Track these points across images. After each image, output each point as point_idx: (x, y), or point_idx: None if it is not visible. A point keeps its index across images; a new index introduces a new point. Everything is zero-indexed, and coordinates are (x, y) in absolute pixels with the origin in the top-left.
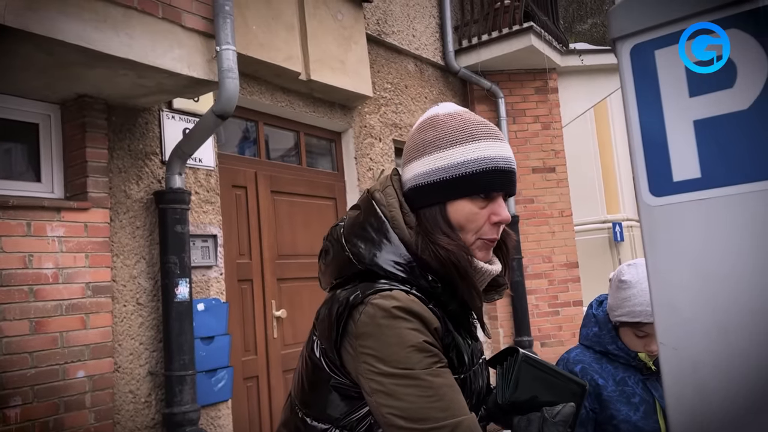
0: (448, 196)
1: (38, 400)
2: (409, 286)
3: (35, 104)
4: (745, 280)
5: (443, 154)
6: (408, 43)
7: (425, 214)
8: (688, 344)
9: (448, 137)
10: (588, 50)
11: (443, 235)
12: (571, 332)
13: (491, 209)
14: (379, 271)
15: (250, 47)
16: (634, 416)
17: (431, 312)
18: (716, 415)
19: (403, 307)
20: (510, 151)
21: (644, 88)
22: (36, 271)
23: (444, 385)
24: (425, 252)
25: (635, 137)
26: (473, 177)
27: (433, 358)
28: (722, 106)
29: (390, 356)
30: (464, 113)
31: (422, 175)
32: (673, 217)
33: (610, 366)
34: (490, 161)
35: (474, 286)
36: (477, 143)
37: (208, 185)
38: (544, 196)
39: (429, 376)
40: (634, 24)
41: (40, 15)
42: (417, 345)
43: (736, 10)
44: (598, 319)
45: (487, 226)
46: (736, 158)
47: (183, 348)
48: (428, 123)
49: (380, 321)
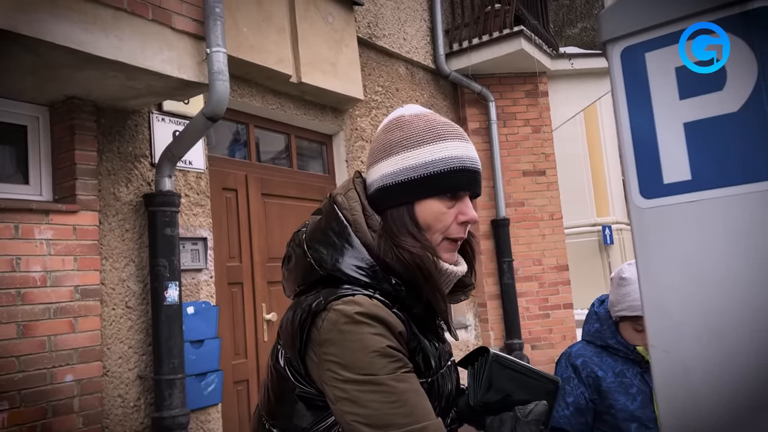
0: (416, 195)
1: (26, 404)
2: (372, 291)
3: (24, 106)
4: (736, 283)
5: (411, 153)
6: (399, 47)
7: (392, 214)
8: (679, 347)
9: (415, 137)
10: (578, 54)
11: (409, 236)
12: (561, 335)
13: (458, 209)
14: (341, 276)
15: (241, 49)
16: (631, 406)
17: (395, 316)
18: (707, 417)
19: (366, 312)
20: (475, 152)
21: (635, 91)
22: (24, 274)
23: (408, 390)
24: (388, 255)
25: (626, 139)
26: (441, 176)
27: (397, 363)
28: (712, 109)
29: (353, 362)
30: (430, 114)
31: (390, 175)
32: (664, 219)
33: (610, 359)
34: (457, 161)
35: (438, 288)
36: (444, 143)
37: (198, 188)
38: (534, 199)
39: (393, 381)
40: (624, 27)
41: (29, 16)
42: (380, 350)
43: (726, 13)
44: (600, 316)
45: (454, 225)
46: (726, 160)
47: (172, 351)
48: (394, 123)
49: (342, 327)
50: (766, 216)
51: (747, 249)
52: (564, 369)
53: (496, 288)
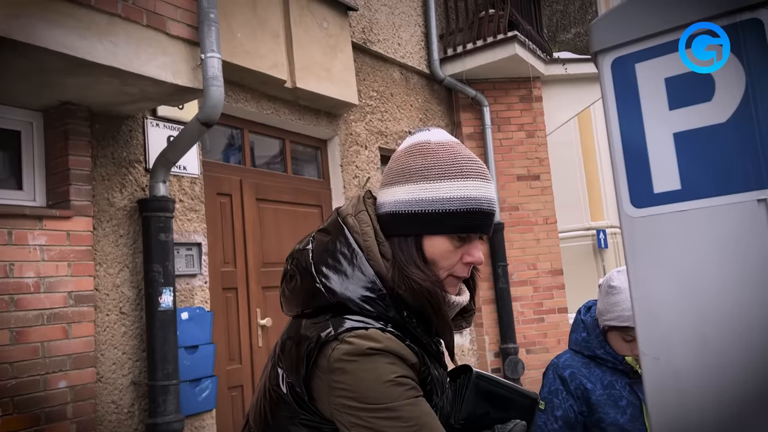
0: (427, 229)
1: (19, 411)
2: (384, 323)
3: (17, 111)
4: (726, 290)
5: (430, 185)
6: (393, 52)
7: (399, 243)
8: (669, 354)
9: (437, 169)
10: (572, 59)
11: (417, 268)
12: (556, 339)
13: (466, 249)
14: (352, 306)
15: (236, 55)
16: (621, 419)
17: (408, 348)
18: (698, 423)
19: (380, 348)
20: (494, 193)
21: (625, 101)
22: (17, 280)
23: (423, 414)
24: (401, 286)
25: (616, 149)
26: (456, 215)
27: (411, 390)
28: (701, 119)
29: (368, 392)
30: (456, 145)
31: (404, 203)
32: (654, 228)
33: (599, 370)
34: (475, 202)
35: (447, 321)
36: (465, 181)
37: (192, 193)
38: (528, 203)
39: (409, 406)
40: (615, 37)
41: (22, 22)
42: (393, 380)
43: (713, 26)
44: (587, 325)
45: (459, 265)
46: (716, 170)
47: (167, 357)
48: (418, 149)
49: (356, 359)
50: (754, 225)
51: (736, 257)
52: (552, 381)
53: (490, 292)
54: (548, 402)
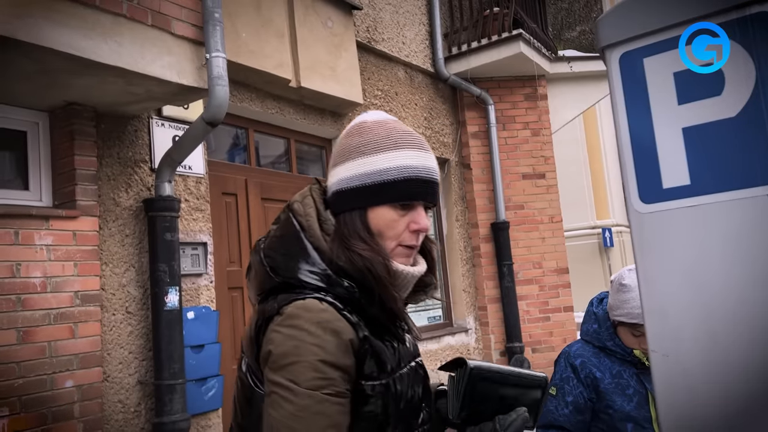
0: (369, 201)
1: (26, 410)
2: (324, 294)
3: (23, 112)
4: (735, 287)
5: (366, 159)
6: (398, 51)
7: (345, 219)
8: (678, 350)
9: (373, 144)
10: (577, 57)
11: (360, 240)
12: (562, 338)
13: (411, 217)
14: (295, 282)
15: (240, 54)
16: (627, 406)
17: (345, 320)
18: (707, 419)
19: (313, 319)
20: (434, 162)
21: (633, 96)
22: (24, 280)
23: (320, 413)
24: (341, 258)
25: (625, 145)
26: (394, 184)
27: (323, 381)
28: (711, 114)
29: (283, 365)
30: (391, 121)
31: (345, 180)
32: (663, 224)
33: (608, 360)
34: (412, 170)
35: (389, 291)
36: (400, 151)
37: (197, 193)
38: (534, 202)
39: (309, 398)
40: (622, 32)
41: (27, 23)
42: (311, 362)
43: (724, 18)
44: (598, 317)
45: (406, 233)
46: (725, 165)
47: (173, 357)
48: (355, 129)
49: (286, 331)
50: (765, 220)
51: (746, 253)
52: (563, 369)
53: (496, 291)
54: (560, 388)
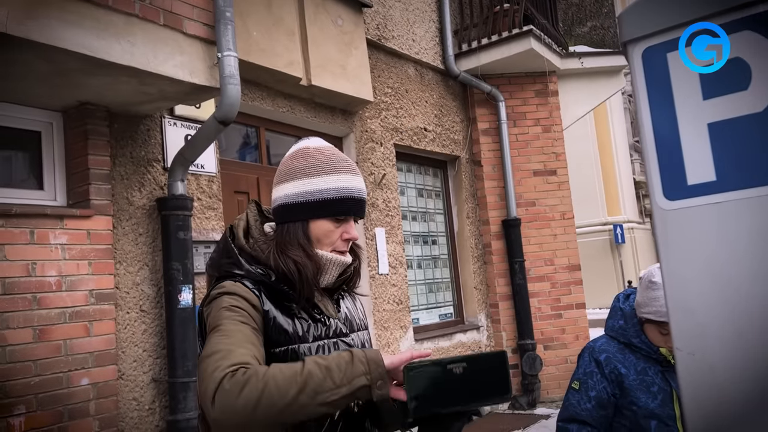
0: (311, 215)
1: (42, 408)
2: (239, 279)
3: (37, 112)
4: (761, 284)
5: (311, 180)
6: (408, 48)
7: (288, 227)
8: (704, 349)
9: (316, 167)
10: (588, 53)
11: (299, 247)
12: (574, 335)
13: (344, 228)
14: (222, 273)
15: (251, 53)
16: (651, 404)
17: (251, 292)
18: (734, 418)
19: (226, 290)
20: (362, 184)
21: (657, 92)
22: (39, 279)
23: (239, 331)
24: (269, 258)
25: (648, 141)
26: (334, 202)
27: (236, 312)
28: (737, 109)
29: (211, 320)
30: (330, 149)
31: (291, 196)
32: (688, 220)
33: (633, 357)
34: (347, 191)
35: (309, 286)
36: (338, 175)
37: (210, 191)
38: (545, 199)
39: (230, 322)
40: (645, 27)
41: (41, 23)
42: (227, 306)
43: (749, 12)
44: (625, 313)
45: (339, 241)
46: (752, 161)
47: (186, 355)
48: (300, 153)
49: (212, 302)
50: None
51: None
52: (587, 363)
53: (507, 288)
54: (582, 382)
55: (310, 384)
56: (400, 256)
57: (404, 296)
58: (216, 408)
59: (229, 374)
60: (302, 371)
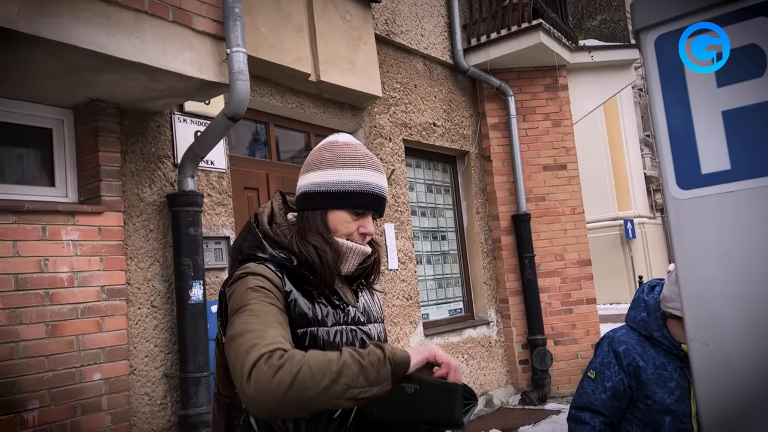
0: (331, 204)
1: (55, 403)
2: (263, 261)
3: (48, 109)
4: None
5: (335, 171)
6: (417, 43)
7: (308, 215)
8: (719, 339)
9: (342, 160)
10: (598, 46)
11: (318, 234)
12: (584, 330)
13: (361, 222)
14: (245, 256)
15: (260, 49)
16: (668, 399)
17: (274, 274)
18: (749, 410)
19: (251, 270)
20: (385, 183)
21: (670, 80)
22: (51, 275)
23: (267, 312)
24: (292, 242)
25: (661, 129)
26: (354, 195)
27: (262, 293)
28: (752, 96)
29: (236, 299)
30: (357, 145)
31: (314, 185)
32: (702, 210)
33: (652, 350)
34: (368, 186)
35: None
36: (362, 170)
37: (220, 187)
38: (555, 193)
39: (258, 303)
40: (658, 14)
41: (52, 21)
42: (253, 287)
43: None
44: (648, 305)
45: (356, 234)
46: (767, 149)
47: (197, 350)
48: (328, 145)
49: (236, 283)
50: None
51: None
52: (605, 354)
53: (517, 284)
54: (599, 372)
55: (343, 377)
56: (409, 252)
57: (414, 292)
58: (251, 385)
59: (267, 354)
60: (338, 361)
